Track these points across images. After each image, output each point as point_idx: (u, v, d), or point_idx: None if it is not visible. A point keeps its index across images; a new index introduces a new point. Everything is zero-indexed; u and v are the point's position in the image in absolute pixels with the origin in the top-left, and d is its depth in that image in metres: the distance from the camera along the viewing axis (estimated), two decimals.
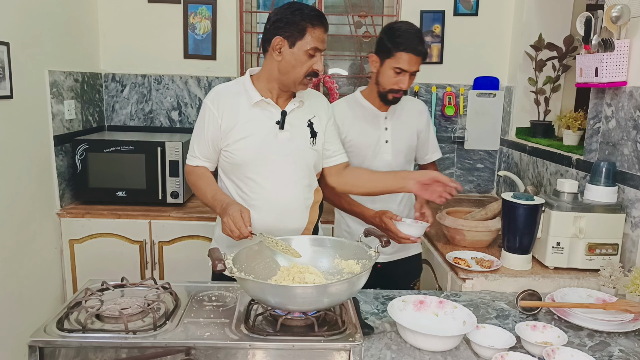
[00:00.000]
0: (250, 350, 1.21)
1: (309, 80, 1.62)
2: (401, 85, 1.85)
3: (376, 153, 1.98)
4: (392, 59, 1.82)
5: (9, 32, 2.11)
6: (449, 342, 1.29)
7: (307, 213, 1.75)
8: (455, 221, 2.04)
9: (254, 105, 1.64)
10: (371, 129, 1.97)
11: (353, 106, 1.99)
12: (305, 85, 1.64)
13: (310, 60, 1.58)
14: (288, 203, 1.69)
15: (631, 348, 1.36)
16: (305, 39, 1.56)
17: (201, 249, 2.51)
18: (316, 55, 1.59)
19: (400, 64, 1.81)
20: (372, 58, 1.89)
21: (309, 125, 1.72)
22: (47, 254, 2.47)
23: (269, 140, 1.64)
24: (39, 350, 1.19)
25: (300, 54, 1.57)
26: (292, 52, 1.58)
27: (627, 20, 1.80)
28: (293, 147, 1.67)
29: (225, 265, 1.26)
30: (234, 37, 3.01)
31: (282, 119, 1.65)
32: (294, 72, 1.59)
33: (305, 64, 1.58)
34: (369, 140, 1.97)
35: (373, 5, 3.15)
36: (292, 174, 1.68)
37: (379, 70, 1.87)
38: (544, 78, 2.77)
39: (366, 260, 1.37)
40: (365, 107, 1.98)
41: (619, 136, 1.89)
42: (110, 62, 3.00)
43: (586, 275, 1.79)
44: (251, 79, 1.68)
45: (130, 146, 2.55)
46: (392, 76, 1.84)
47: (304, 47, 1.57)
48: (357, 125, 1.96)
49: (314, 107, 1.76)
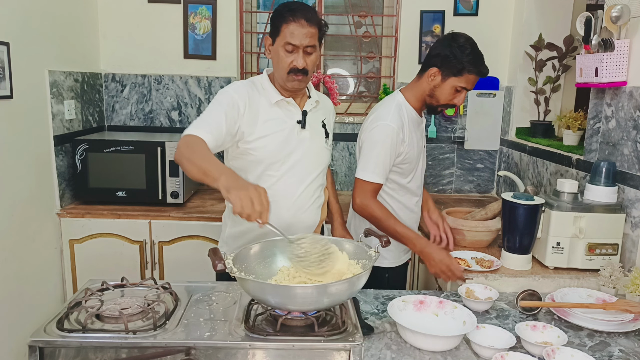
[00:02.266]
0: (250, 350, 1.21)
1: (294, 77, 1.59)
2: (457, 102, 1.81)
3: (419, 159, 1.95)
4: (458, 78, 1.76)
5: (9, 32, 2.11)
6: (449, 342, 1.29)
7: (320, 211, 1.79)
8: (455, 221, 2.04)
9: (275, 105, 1.65)
10: (419, 136, 1.93)
11: (406, 113, 1.85)
12: (292, 82, 1.60)
13: (289, 55, 1.57)
14: (305, 200, 1.71)
15: (631, 348, 1.36)
16: (281, 35, 1.57)
17: (201, 249, 2.51)
18: (295, 51, 1.57)
19: (466, 84, 1.77)
20: (432, 71, 1.78)
21: (323, 125, 1.77)
22: (47, 254, 2.47)
23: (290, 139, 1.66)
24: (39, 350, 1.19)
25: (279, 51, 1.58)
26: (274, 49, 1.61)
27: (627, 20, 1.80)
28: (312, 146, 1.71)
29: (226, 265, 1.25)
30: (234, 37, 3.01)
31: (303, 119, 1.68)
32: (277, 69, 1.62)
33: (284, 61, 1.58)
34: (420, 147, 1.93)
35: (373, 5, 3.15)
36: (311, 173, 1.72)
37: (439, 84, 1.79)
38: (544, 78, 2.77)
39: (366, 260, 1.37)
40: (412, 114, 1.87)
41: (619, 136, 1.89)
42: (110, 62, 3.00)
43: (586, 275, 1.79)
44: (269, 78, 1.70)
45: (130, 146, 2.55)
46: (452, 93, 1.79)
47: (280, 43, 1.58)
48: (411, 134, 1.86)
49: (325, 108, 1.82)
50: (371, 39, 3.14)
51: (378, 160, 1.78)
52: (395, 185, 1.90)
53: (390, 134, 1.77)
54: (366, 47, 3.18)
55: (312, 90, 1.77)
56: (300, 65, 1.57)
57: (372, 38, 3.13)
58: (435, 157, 3.12)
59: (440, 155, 3.13)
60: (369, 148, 1.80)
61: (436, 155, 3.12)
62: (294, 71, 1.58)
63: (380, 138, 1.77)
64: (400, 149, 1.80)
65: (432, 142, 3.09)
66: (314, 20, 1.57)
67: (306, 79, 1.63)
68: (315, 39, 1.59)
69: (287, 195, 1.67)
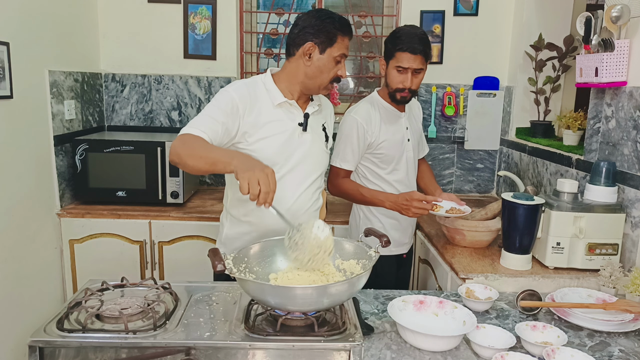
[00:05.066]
0: (250, 351, 1.21)
1: (332, 85, 1.68)
2: (405, 84, 1.94)
3: (402, 152, 2.08)
4: (393, 59, 1.94)
5: (9, 32, 2.11)
6: (449, 342, 1.29)
7: (317, 214, 1.80)
8: (455, 221, 2.04)
9: (277, 106, 1.64)
10: (396, 129, 2.07)
11: (377, 108, 2.05)
12: (327, 90, 1.69)
13: (336, 66, 1.64)
14: (304, 203, 1.71)
15: (631, 348, 1.36)
16: (335, 46, 1.62)
17: (201, 249, 2.51)
18: (342, 62, 1.65)
19: (400, 62, 1.92)
20: (380, 62, 2.03)
21: (324, 129, 1.78)
22: (47, 254, 2.47)
23: (292, 142, 1.65)
24: (39, 350, 1.19)
25: (329, 60, 1.62)
26: (322, 57, 1.62)
27: (627, 20, 1.80)
28: (312, 149, 1.70)
29: (225, 265, 1.25)
30: (234, 37, 3.01)
31: (305, 122, 1.67)
32: (320, 77, 1.64)
33: (332, 70, 1.64)
34: (397, 140, 2.06)
35: (373, 5, 3.15)
36: (310, 175, 1.72)
37: (386, 72, 2.00)
38: (544, 78, 2.77)
39: (366, 260, 1.37)
40: (388, 109, 2.06)
41: (619, 136, 1.89)
42: (110, 62, 3.00)
43: (586, 275, 1.79)
44: (272, 78, 1.68)
45: (130, 146, 2.55)
46: (396, 76, 1.95)
47: (333, 53, 1.62)
48: (385, 127, 2.03)
49: (326, 111, 1.83)
50: (371, 39, 3.14)
51: (346, 149, 2.00)
52: (375, 177, 2.07)
53: (354, 125, 1.98)
54: (366, 47, 3.18)
55: None
56: (344, 75, 1.69)
57: (372, 38, 3.13)
58: (435, 157, 3.12)
59: (440, 155, 3.13)
60: (338, 138, 2.04)
61: (436, 155, 3.12)
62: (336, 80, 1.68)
63: (346, 129, 2.00)
64: (368, 139, 1.99)
65: (432, 142, 3.09)
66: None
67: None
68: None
69: (285, 198, 1.66)
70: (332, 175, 2.05)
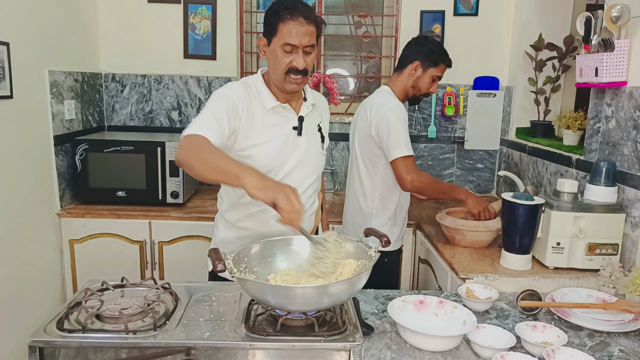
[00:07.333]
0: (250, 351, 1.21)
1: (294, 78, 1.53)
2: (433, 90, 2.15)
3: None
4: (436, 68, 2.10)
5: (9, 32, 2.11)
6: (449, 342, 1.29)
7: (314, 217, 1.75)
8: (455, 221, 2.04)
9: (270, 110, 1.58)
10: None
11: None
12: (291, 84, 1.54)
13: (287, 56, 1.50)
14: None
15: (631, 348, 1.36)
16: (278, 35, 1.50)
17: (201, 249, 2.51)
18: (294, 51, 1.50)
19: (440, 73, 2.13)
20: (415, 64, 2.10)
21: (319, 130, 1.71)
22: (47, 254, 2.47)
23: (287, 147, 1.59)
24: (39, 351, 1.19)
25: (276, 51, 1.51)
26: (270, 50, 1.54)
27: (627, 20, 1.80)
28: (308, 152, 1.64)
29: (226, 265, 1.25)
30: (234, 37, 3.01)
31: (299, 125, 1.61)
32: (275, 70, 1.54)
33: (282, 61, 1.51)
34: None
35: (373, 5, 3.15)
36: (306, 179, 1.66)
37: (420, 76, 2.11)
38: (544, 78, 2.77)
39: (366, 260, 1.37)
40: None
41: (619, 136, 1.89)
42: (110, 62, 3.00)
43: (586, 275, 1.79)
44: (263, 79, 1.62)
45: (130, 146, 2.55)
46: (429, 82, 2.12)
47: (277, 43, 1.50)
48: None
49: (320, 109, 1.75)
50: (371, 39, 3.14)
51: (406, 136, 2.01)
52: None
53: (400, 112, 2.03)
54: (366, 47, 3.18)
55: (308, 90, 1.70)
56: (301, 66, 1.50)
57: (372, 38, 3.13)
58: (435, 157, 3.12)
59: (440, 155, 3.13)
60: (393, 130, 1.98)
61: (436, 155, 3.12)
62: (292, 71, 1.51)
63: (396, 118, 2.00)
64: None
65: (432, 142, 3.09)
66: (312, 18, 1.50)
67: (305, 80, 1.56)
68: (314, 37, 1.53)
69: None
70: (406, 167, 1.97)
